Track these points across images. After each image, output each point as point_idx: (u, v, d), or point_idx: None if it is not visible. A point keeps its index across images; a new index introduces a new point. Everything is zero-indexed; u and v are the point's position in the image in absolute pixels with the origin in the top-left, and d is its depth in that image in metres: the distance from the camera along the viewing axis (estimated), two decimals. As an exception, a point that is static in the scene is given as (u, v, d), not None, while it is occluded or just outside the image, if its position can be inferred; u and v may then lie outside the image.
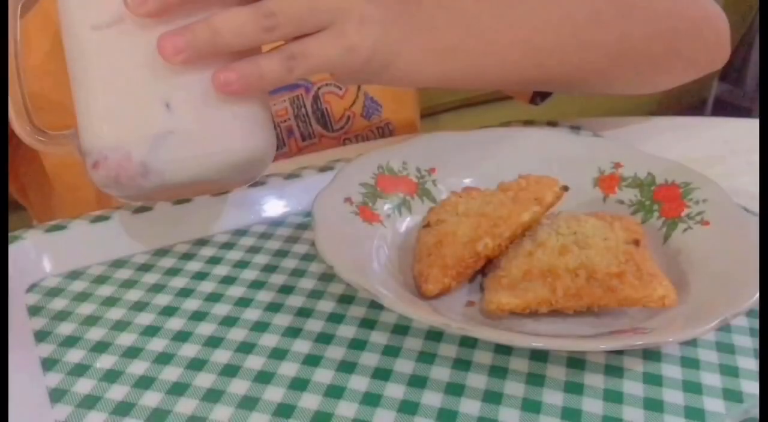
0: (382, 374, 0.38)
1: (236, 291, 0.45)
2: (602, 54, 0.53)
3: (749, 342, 0.41)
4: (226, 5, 0.38)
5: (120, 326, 0.42)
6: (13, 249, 0.47)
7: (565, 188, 0.47)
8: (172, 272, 0.47)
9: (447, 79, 0.48)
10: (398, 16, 0.44)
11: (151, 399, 0.37)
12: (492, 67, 0.50)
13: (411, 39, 0.44)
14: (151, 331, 0.41)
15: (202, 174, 0.40)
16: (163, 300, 0.44)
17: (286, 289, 0.45)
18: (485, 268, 0.44)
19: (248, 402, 0.36)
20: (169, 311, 0.43)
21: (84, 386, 0.38)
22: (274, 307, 0.43)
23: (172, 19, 0.37)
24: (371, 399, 0.37)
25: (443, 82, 0.48)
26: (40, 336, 0.41)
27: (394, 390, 0.37)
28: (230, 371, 0.38)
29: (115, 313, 0.43)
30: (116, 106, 0.39)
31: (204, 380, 0.38)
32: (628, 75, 0.57)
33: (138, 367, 0.39)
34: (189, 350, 0.40)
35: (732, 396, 0.37)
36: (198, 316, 0.43)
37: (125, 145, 0.39)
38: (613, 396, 0.37)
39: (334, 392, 0.37)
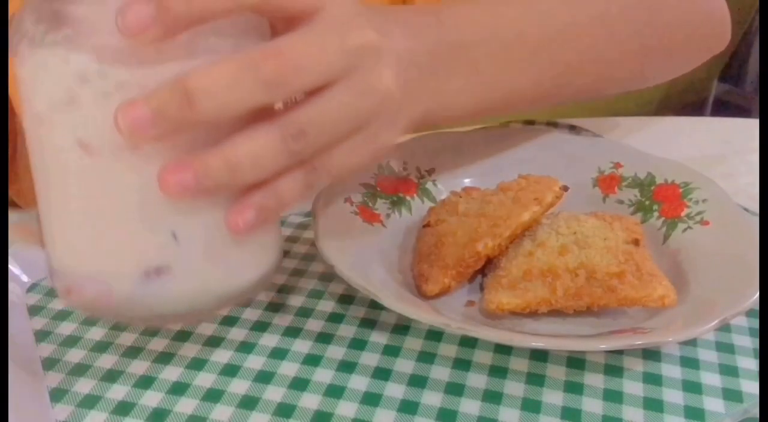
0: (382, 374, 0.38)
1: (236, 291, 0.45)
2: (632, 56, 0.52)
3: (749, 342, 0.41)
4: (242, 124, 0.31)
5: (120, 326, 0.42)
6: (13, 249, 0.47)
7: (565, 188, 0.47)
8: (172, 272, 0.47)
9: (486, 112, 0.45)
10: (433, 93, 0.40)
11: (151, 399, 0.37)
12: (529, 91, 0.47)
13: (443, 99, 0.41)
14: (151, 331, 0.41)
15: (198, 307, 0.34)
16: (163, 300, 0.44)
17: (287, 289, 0.45)
18: (485, 268, 0.44)
19: (248, 402, 0.36)
20: (169, 311, 0.43)
21: (84, 386, 0.37)
22: (274, 307, 0.43)
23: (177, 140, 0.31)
24: (371, 399, 0.37)
25: (482, 116, 0.46)
26: (40, 336, 0.41)
27: (394, 390, 0.37)
28: (230, 371, 0.38)
29: (115, 313, 0.43)
30: (100, 233, 0.32)
31: (204, 380, 0.38)
32: (652, 68, 0.56)
33: (138, 367, 0.39)
34: (189, 350, 0.40)
35: (732, 395, 0.37)
36: (198, 316, 0.43)
37: (108, 277, 0.33)
38: (613, 396, 0.37)
39: (334, 392, 0.37)
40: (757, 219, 0.44)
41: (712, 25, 0.57)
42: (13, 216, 0.36)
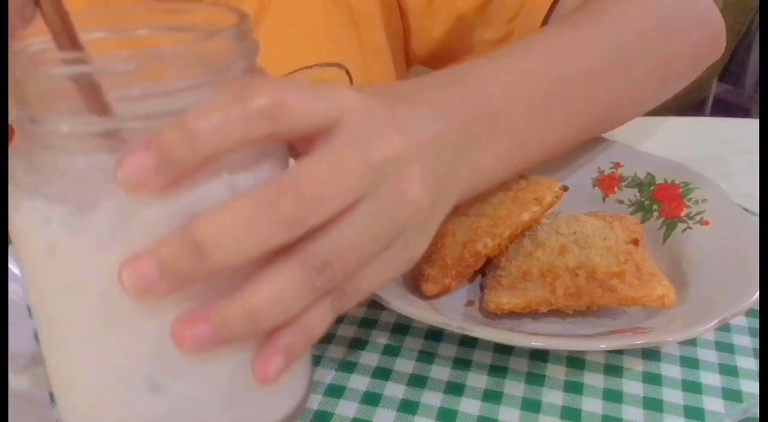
0: (382, 374, 0.38)
1: (236, 291, 0.45)
2: (651, 86, 0.52)
3: (749, 342, 0.41)
4: (261, 262, 0.27)
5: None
6: (13, 249, 0.47)
7: (565, 188, 0.48)
8: (173, 272, 0.47)
9: (517, 172, 0.45)
10: (468, 174, 0.37)
11: (152, 398, 0.37)
12: (559, 142, 0.46)
13: (478, 174, 0.39)
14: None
15: None
16: (163, 300, 0.44)
17: (287, 289, 0.45)
18: (485, 268, 0.45)
19: (248, 402, 0.36)
20: (169, 311, 0.43)
21: (84, 386, 0.38)
22: (274, 307, 0.43)
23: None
24: (371, 399, 0.37)
25: (518, 173, 0.45)
26: (41, 336, 0.41)
27: (394, 390, 0.37)
28: (230, 371, 0.38)
29: (116, 313, 0.43)
30: (105, 387, 0.29)
31: (204, 380, 0.38)
32: (666, 91, 0.56)
33: (138, 367, 0.39)
34: (189, 350, 0.40)
35: (731, 395, 0.37)
36: (198, 316, 0.43)
37: None
38: (613, 396, 0.37)
39: (335, 391, 0.37)
40: (757, 219, 0.44)
41: (712, 38, 0.57)
42: (17, 361, 0.34)
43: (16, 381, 0.33)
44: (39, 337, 0.30)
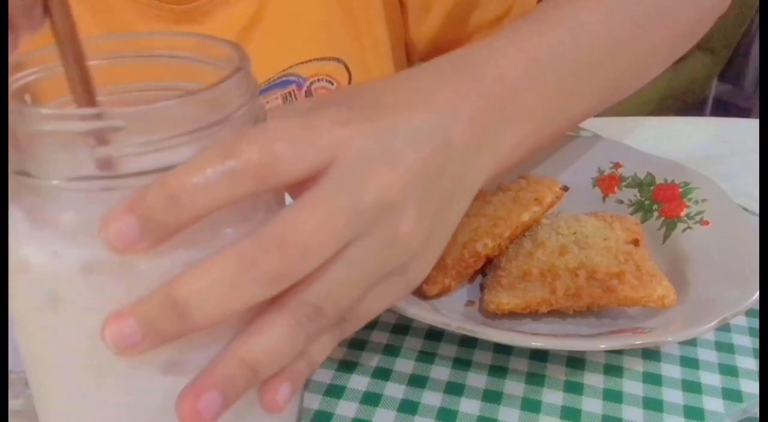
0: (382, 374, 0.38)
1: (236, 291, 0.45)
2: (663, 50, 0.50)
3: (749, 342, 0.41)
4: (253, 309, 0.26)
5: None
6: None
7: (565, 188, 0.48)
8: (173, 272, 0.47)
9: (535, 151, 0.42)
10: (480, 173, 0.35)
11: (152, 398, 0.37)
12: (577, 116, 0.45)
13: (494, 166, 0.37)
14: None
15: None
16: (163, 300, 0.44)
17: (287, 289, 0.45)
18: (485, 268, 0.45)
19: (248, 402, 0.36)
20: (169, 311, 0.43)
21: (85, 386, 0.37)
22: (274, 307, 0.43)
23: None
24: (371, 399, 0.37)
25: (531, 155, 0.43)
26: (41, 336, 0.41)
27: (394, 390, 0.37)
28: (230, 371, 0.38)
29: (116, 313, 0.43)
30: None
31: (204, 380, 0.38)
32: (677, 52, 0.54)
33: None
34: (189, 350, 0.40)
35: (731, 395, 0.37)
36: (198, 316, 0.43)
37: None
38: (613, 396, 0.37)
39: (335, 391, 0.37)
40: (757, 219, 0.44)
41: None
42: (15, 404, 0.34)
43: (12, 403, 0.33)
44: (30, 384, 0.30)
